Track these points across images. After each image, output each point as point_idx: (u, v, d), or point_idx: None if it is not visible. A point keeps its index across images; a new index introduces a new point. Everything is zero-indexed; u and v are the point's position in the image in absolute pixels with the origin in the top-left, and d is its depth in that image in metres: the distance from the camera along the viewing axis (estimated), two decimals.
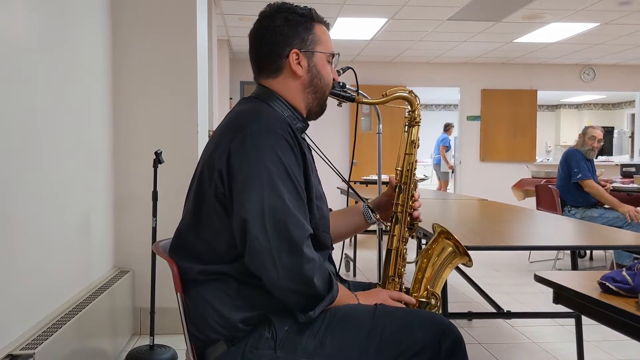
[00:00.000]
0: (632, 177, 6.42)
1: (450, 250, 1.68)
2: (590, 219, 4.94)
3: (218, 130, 1.52)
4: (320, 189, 1.60)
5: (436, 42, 8.16)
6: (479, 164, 9.96)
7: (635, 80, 10.07)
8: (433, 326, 1.43)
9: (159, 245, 1.65)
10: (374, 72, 9.49)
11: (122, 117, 3.27)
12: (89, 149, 2.86)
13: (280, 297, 1.39)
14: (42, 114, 2.26)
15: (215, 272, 1.44)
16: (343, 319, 1.43)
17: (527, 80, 9.93)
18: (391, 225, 1.71)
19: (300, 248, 1.35)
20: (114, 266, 3.26)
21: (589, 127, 5.32)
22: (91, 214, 2.86)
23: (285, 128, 1.44)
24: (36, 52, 2.21)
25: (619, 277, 1.26)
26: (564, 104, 14.58)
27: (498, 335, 3.48)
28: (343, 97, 1.68)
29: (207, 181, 1.44)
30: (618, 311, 1.14)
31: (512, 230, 2.57)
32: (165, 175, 3.07)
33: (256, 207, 1.35)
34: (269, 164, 1.38)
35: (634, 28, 7.18)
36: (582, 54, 8.95)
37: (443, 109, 14.84)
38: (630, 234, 2.30)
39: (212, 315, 1.43)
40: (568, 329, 3.45)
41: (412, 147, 1.73)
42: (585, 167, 5.09)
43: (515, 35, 7.71)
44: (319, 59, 1.57)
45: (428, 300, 1.65)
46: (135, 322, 3.29)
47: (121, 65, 3.26)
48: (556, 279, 1.38)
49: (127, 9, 3.25)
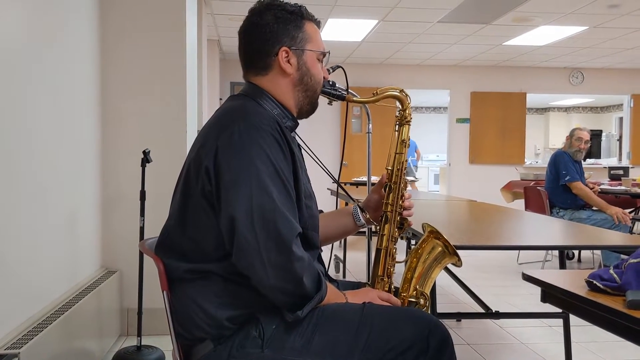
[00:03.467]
0: (620, 180, 6.47)
1: (440, 250, 1.68)
2: (579, 221, 4.96)
3: (205, 127, 1.50)
4: (309, 187, 1.59)
5: (426, 45, 8.19)
6: (468, 166, 9.99)
7: (624, 84, 10.15)
8: (421, 324, 1.42)
9: (145, 244, 1.63)
10: (364, 73, 9.50)
11: (111, 116, 3.25)
12: (76, 147, 2.83)
13: (269, 296, 1.38)
14: (29, 112, 2.24)
15: (202, 271, 1.43)
16: (331, 318, 1.42)
17: (516, 83, 9.98)
18: (381, 224, 1.70)
19: (289, 247, 1.34)
20: (102, 266, 3.23)
21: (576, 129, 5.36)
22: (78, 214, 2.84)
23: (274, 125, 1.43)
24: (24, 50, 2.19)
25: (607, 275, 1.26)
26: (552, 107, 14.67)
27: (486, 335, 3.48)
28: (333, 96, 1.67)
29: (194, 179, 1.42)
30: (606, 309, 1.14)
31: (500, 231, 2.58)
32: (154, 174, 3.05)
33: (244, 205, 1.34)
34: (257, 162, 1.37)
35: (622, 32, 7.24)
36: (571, 57, 9.01)
37: (433, 111, 14.88)
38: (617, 234, 2.31)
39: (199, 314, 1.41)
40: (556, 330, 3.46)
41: (403, 146, 1.73)
42: (573, 169, 5.12)
43: (505, 38, 7.75)
44: (309, 57, 1.56)
45: (417, 299, 1.65)
46: (122, 322, 3.27)
47: (110, 64, 3.24)
48: (544, 277, 1.38)
49: (116, 7, 3.23)
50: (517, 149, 10.05)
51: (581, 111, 14.82)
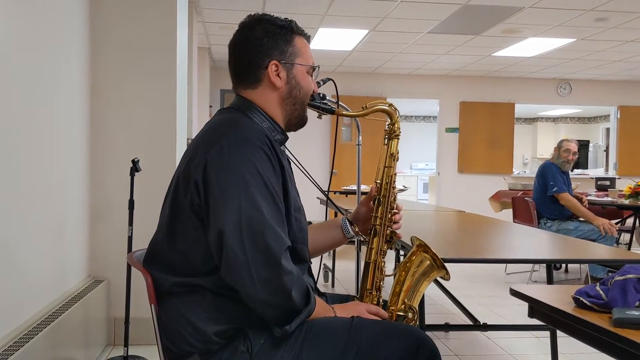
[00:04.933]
0: (607, 191, 6.53)
1: (428, 264, 1.68)
2: (566, 232, 5.00)
3: (195, 141, 1.50)
4: (298, 201, 1.59)
5: (416, 55, 8.24)
6: (457, 175, 10.04)
7: (610, 95, 10.27)
8: (409, 339, 1.43)
9: (133, 256, 1.63)
10: (354, 83, 9.54)
11: (99, 124, 3.23)
12: (64, 156, 2.82)
13: (257, 310, 1.37)
14: (15, 119, 2.22)
15: (190, 285, 1.42)
16: (319, 332, 1.42)
17: (505, 94, 10.06)
18: (369, 238, 1.70)
19: (278, 260, 1.34)
20: (89, 275, 3.21)
21: (563, 140, 5.41)
22: (66, 222, 2.82)
23: (263, 139, 1.43)
24: (9, 56, 2.17)
25: (593, 292, 1.27)
26: (541, 117, 14.78)
27: (474, 347, 3.49)
28: (323, 109, 1.67)
29: (183, 192, 1.42)
30: (591, 326, 1.15)
31: (488, 243, 2.59)
32: (143, 183, 3.03)
33: (233, 218, 1.34)
34: (246, 175, 1.37)
35: (609, 44, 7.33)
36: (559, 68, 9.11)
37: (422, 120, 14.95)
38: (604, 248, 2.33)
39: (186, 328, 1.41)
40: (543, 341, 3.47)
41: (392, 159, 1.73)
42: (560, 180, 5.16)
43: (494, 49, 7.81)
44: (298, 71, 1.57)
45: (405, 313, 1.65)
46: (109, 332, 3.24)
47: (99, 71, 3.22)
48: (531, 293, 1.39)
49: (105, 15, 3.22)
50: (505, 158, 10.12)
51: (569, 121, 14.95)
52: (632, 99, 10.23)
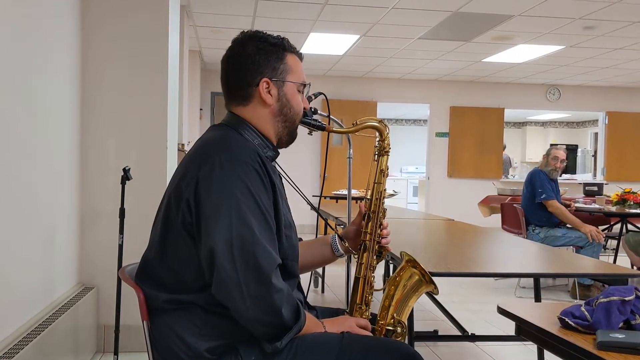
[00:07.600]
0: (594, 197, 6.59)
1: (417, 279, 1.70)
2: (553, 239, 5.05)
3: (186, 158, 1.51)
4: (289, 217, 1.60)
5: (407, 60, 8.27)
6: (447, 180, 10.09)
7: (599, 101, 10.36)
8: (398, 354, 1.45)
9: (125, 271, 1.63)
10: (345, 86, 9.56)
11: (90, 130, 3.21)
12: (54, 163, 2.81)
13: (248, 327, 1.39)
14: (4, 126, 2.22)
15: (182, 302, 1.43)
16: (310, 348, 1.43)
17: (494, 99, 10.12)
18: (359, 253, 1.72)
19: (268, 278, 1.36)
20: (79, 282, 3.20)
21: (552, 147, 5.45)
22: (56, 230, 2.81)
23: (255, 157, 1.44)
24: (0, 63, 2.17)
25: (578, 312, 1.29)
26: (530, 122, 14.88)
27: (463, 355, 3.51)
28: (313, 126, 1.69)
29: (175, 210, 1.43)
30: (576, 348, 1.17)
31: (477, 255, 2.62)
32: (134, 191, 3.02)
33: (224, 236, 1.35)
34: (238, 194, 1.38)
35: (597, 51, 7.40)
36: (548, 74, 9.18)
37: (413, 123, 14.99)
38: (591, 261, 2.36)
39: (178, 344, 1.42)
40: (531, 349, 3.50)
41: (382, 176, 1.75)
42: (549, 187, 5.20)
43: (484, 55, 7.87)
44: (289, 88, 1.58)
45: (394, 328, 1.66)
46: (99, 339, 3.23)
47: (90, 76, 3.21)
48: (518, 312, 1.41)
49: (97, 17, 3.20)
50: (494, 163, 10.19)
51: (558, 126, 15.06)
52: (620, 104, 10.33)
